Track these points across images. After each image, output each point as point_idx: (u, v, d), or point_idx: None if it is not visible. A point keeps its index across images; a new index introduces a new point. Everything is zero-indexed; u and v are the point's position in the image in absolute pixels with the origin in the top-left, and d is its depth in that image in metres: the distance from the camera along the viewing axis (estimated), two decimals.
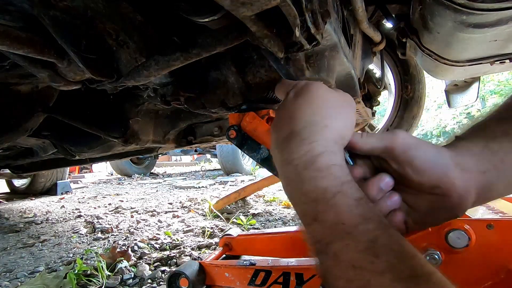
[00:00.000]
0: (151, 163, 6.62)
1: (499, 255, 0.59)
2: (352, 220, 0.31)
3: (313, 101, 0.40)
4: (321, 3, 0.47)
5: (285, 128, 0.40)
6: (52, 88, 0.83)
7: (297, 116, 0.40)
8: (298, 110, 0.40)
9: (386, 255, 0.29)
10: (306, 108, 0.40)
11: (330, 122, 0.39)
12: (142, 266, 1.24)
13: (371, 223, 0.31)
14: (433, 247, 0.61)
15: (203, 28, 0.50)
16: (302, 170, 0.35)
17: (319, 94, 0.41)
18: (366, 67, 1.27)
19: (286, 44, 0.49)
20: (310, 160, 0.35)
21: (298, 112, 0.40)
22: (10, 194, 3.86)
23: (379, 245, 0.29)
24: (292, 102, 0.42)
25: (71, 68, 0.55)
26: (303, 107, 0.40)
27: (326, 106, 0.40)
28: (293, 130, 0.39)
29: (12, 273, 1.29)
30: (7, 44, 0.44)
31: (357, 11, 0.89)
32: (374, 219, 0.32)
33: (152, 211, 2.44)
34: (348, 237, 0.30)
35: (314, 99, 0.41)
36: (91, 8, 0.50)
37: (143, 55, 0.58)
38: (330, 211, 0.32)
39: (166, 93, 0.75)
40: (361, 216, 0.31)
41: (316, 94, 0.41)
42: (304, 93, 0.42)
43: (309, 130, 0.38)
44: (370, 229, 0.31)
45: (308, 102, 0.40)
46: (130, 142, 0.95)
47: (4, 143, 0.87)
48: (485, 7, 0.71)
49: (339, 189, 0.33)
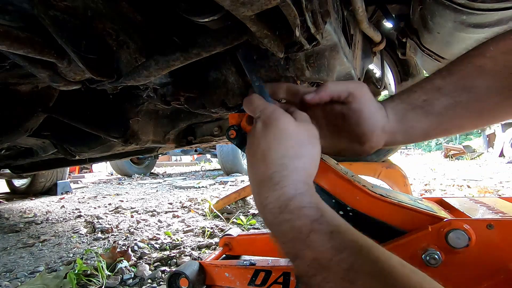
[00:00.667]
0: (151, 163, 6.62)
1: (499, 255, 0.59)
2: (326, 254, 0.35)
3: (282, 140, 0.43)
4: (321, 3, 0.47)
5: (259, 170, 0.43)
6: (52, 88, 0.83)
7: (268, 157, 0.42)
8: (269, 151, 0.42)
9: (362, 279, 0.32)
10: (276, 148, 0.42)
11: (298, 163, 0.42)
12: (142, 266, 1.24)
13: (345, 252, 0.34)
14: (433, 247, 0.61)
15: (203, 28, 0.50)
16: (277, 214, 0.39)
17: (287, 130, 0.43)
18: (366, 67, 1.27)
19: (286, 44, 0.49)
20: (284, 204, 0.39)
21: (269, 153, 0.42)
22: (10, 194, 3.86)
23: (354, 271, 0.33)
24: (263, 136, 0.44)
25: (71, 68, 0.55)
26: (274, 147, 0.42)
27: (295, 144, 0.43)
28: (265, 174, 0.42)
29: (12, 273, 1.29)
30: (7, 44, 0.44)
31: (357, 11, 0.89)
32: (347, 248, 0.35)
33: (152, 211, 2.44)
34: (325, 270, 0.34)
35: (283, 137, 0.43)
36: (91, 8, 0.50)
37: (143, 55, 0.58)
38: (306, 249, 0.36)
39: (166, 93, 0.75)
40: (334, 248, 0.35)
41: (284, 131, 0.43)
42: (273, 127, 0.43)
43: (280, 175, 0.41)
44: (344, 258, 0.34)
45: (278, 140, 0.43)
46: (130, 142, 0.94)
47: (4, 143, 0.87)
48: (485, 7, 0.71)
49: (311, 227, 0.36)
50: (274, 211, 0.39)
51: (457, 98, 0.48)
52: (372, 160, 1.81)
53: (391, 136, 0.51)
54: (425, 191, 2.95)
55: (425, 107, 0.50)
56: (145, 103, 0.93)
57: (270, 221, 0.40)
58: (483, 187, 3.09)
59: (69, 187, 3.97)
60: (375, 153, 1.80)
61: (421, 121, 0.50)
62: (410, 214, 0.67)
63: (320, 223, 0.37)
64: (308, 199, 0.40)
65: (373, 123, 0.49)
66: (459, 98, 0.48)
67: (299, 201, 0.39)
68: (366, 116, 0.49)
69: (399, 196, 0.77)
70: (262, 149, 0.43)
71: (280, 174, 0.41)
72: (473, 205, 0.84)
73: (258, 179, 0.42)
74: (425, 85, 0.51)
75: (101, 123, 0.93)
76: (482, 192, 2.79)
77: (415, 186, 3.23)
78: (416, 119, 0.50)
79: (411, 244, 0.63)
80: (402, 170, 1.72)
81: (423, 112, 0.50)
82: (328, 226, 0.37)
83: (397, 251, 0.63)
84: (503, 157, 9.04)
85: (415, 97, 0.51)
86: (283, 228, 0.38)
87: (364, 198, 0.70)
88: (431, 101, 0.49)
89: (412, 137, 0.52)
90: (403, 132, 0.51)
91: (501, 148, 9.49)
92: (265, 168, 0.42)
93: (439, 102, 0.49)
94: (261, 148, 0.43)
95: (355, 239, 0.36)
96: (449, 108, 0.48)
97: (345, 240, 0.35)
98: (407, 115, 0.50)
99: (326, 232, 0.36)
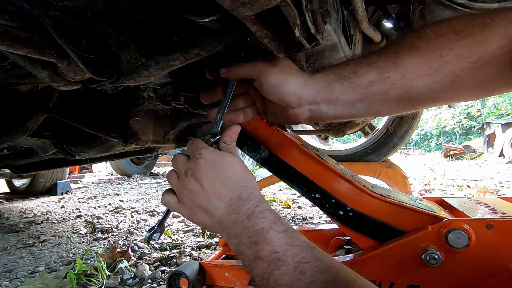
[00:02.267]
0: (151, 163, 6.61)
1: (499, 255, 0.59)
2: (282, 248, 0.42)
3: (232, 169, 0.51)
4: (321, 3, 0.47)
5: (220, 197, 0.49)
6: (52, 88, 0.83)
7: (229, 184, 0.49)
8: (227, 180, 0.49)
9: (311, 270, 0.39)
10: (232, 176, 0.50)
11: (251, 182, 0.51)
12: (142, 266, 1.24)
13: (296, 247, 0.42)
14: (433, 247, 0.61)
15: (203, 28, 0.50)
16: (246, 222, 0.45)
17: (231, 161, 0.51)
18: None
19: (286, 44, 0.49)
20: (252, 212, 0.46)
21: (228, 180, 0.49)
22: (10, 194, 3.86)
23: (304, 263, 0.40)
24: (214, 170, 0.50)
25: (71, 68, 0.55)
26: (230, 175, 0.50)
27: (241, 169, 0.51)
28: (232, 196, 0.48)
29: (12, 273, 1.29)
30: (7, 44, 0.44)
31: (357, 11, 0.89)
32: (298, 245, 0.42)
33: (152, 211, 2.44)
34: (281, 263, 0.41)
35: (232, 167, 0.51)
36: (91, 8, 0.50)
37: (143, 55, 0.58)
38: (266, 246, 0.42)
39: (166, 93, 0.75)
40: (288, 244, 0.42)
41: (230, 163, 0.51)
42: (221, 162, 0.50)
43: (247, 192, 0.49)
44: (296, 252, 0.41)
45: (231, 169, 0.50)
46: (130, 142, 0.94)
47: (4, 143, 0.87)
48: (485, 7, 0.71)
49: (270, 227, 0.44)
50: (244, 221, 0.45)
51: (385, 74, 0.48)
52: (372, 160, 1.81)
53: (315, 106, 0.52)
54: (425, 191, 2.95)
55: (351, 78, 0.49)
56: (145, 103, 0.93)
57: (239, 232, 0.45)
58: (483, 187, 3.09)
59: (69, 187, 3.97)
60: (374, 153, 1.80)
61: (346, 93, 0.50)
62: (410, 214, 0.67)
63: (277, 224, 0.44)
64: (267, 207, 0.48)
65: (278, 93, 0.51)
66: (387, 74, 0.48)
67: (262, 208, 0.47)
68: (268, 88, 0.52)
69: (399, 196, 0.77)
70: (217, 179, 0.49)
71: (247, 192, 0.49)
72: (473, 205, 0.84)
73: (227, 202, 0.48)
74: (360, 59, 0.51)
75: (101, 123, 0.93)
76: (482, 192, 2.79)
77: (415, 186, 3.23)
78: (341, 90, 0.50)
79: (411, 244, 0.63)
80: (402, 170, 1.72)
81: (349, 83, 0.50)
82: (283, 226, 0.44)
83: (397, 251, 0.63)
84: (503, 157, 9.05)
85: (346, 68, 0.51)
86: (250, 231, 0.44)
87: (364, 198, 0.70)
88: (360, 73, 0.49)
89: (337, 110, 0.52)
90: (327, 102, 0.51)
91: (501, 148, 9.50)
92: (230, 191, 0.49)
93: (367, 76, 0.49)
94: (216, 179, 0.49)
95: (305, 240, 0.44)
96: (375, 82, 0.48)
97: (297, 239, 0.43)
98: (332, 85, 0.51)
99: (282, 230, 0.44)
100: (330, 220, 0.74)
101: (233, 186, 0.49)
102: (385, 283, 0.65)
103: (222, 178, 0.49)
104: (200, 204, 0.49)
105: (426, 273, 0.62)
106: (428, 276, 0.62)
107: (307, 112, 0.53)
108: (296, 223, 1.93)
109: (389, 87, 0.48)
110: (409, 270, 0.63)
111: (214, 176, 0.49)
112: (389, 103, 0.50)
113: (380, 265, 0.65)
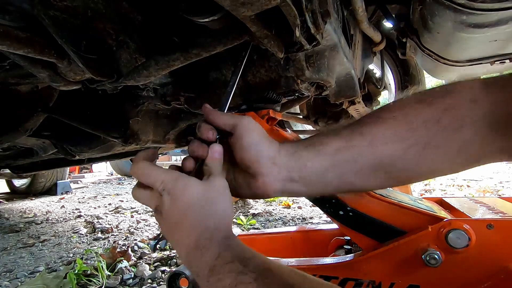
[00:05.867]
0: None
1: (499, 255, 0.59)
2: None
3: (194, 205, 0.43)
4: (321, 3, 0.47)
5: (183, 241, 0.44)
6: (52, 88, 0.83)
7: (186, 226, 0.43)
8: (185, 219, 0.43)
9: None
10: (191, 215, 0.43)
11: (216, 220, 0.44)
12: (142, 266, 1.24)
13: None
14: (433, 247, 0.61)
15: (203, 28, 0.50)
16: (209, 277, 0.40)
17: (195, 194, 0.44)
18: (366, 67, 1.27)
19: (286, 44, 0.49)
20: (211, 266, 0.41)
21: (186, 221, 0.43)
22: (10, 194, 3.86)
23: None
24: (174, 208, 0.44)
25: (71, 68, 0.55)
26: (189, 215, 0.43)
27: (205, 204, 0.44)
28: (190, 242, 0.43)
29: (12, 273, 1.29)
30: (7, 44, 0.44)
31: (357, 11, 0.89)
32: None
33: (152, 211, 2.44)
34: None
35: (194, 202, 0.43)
36: (91, 8, 0.50)
37: (143, 55, 0.58)
38: None
39: (166, 93, 0.75)
40: None
41: (192, 196, 0.44)
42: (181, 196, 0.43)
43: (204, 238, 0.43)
44: None
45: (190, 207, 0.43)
46: (130, 142, 0.94)
47: (4, 143, 0.87)
48: (485, 7, 0.71)
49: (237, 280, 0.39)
50: (206, 276, 0.41)
51: (350, 142, 0.47)
52: None
53: (287, 175, 0.48)
54: (425, 191, 2.95)
55: (317, 146, 0.48)
56: (145, 103, 0.93)
57: (205, 285, 0.41)
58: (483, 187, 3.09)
59: (69, 187, 3.97)
60: None
61: (314, 160, 0.48)
62: (410, 214, 0.67)
63: (245, 274, 0.39)
64: (232, 253, 0.42)
65: (257, 152, 0.47)
66: (352, 142, 0.47)
67: (224, 259, 0.41)
68: (247, 144, 0.47)
69: (399, 196, 0.77)
70: (177, 221, 0.44)
71: (204, 237, 0.42)
72: (473, 205, 0.84)
73: (185, 251, 0.43)
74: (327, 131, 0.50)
75: (101, 123, 0.93)
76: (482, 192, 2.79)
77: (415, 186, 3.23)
78: (308, 157, 0.48)
79: (411, 244, 0.63)
80: None
81: (315, 150, 0.48)
82: (252, 274, 0.39)
83: (397, 251, 0.63)
84: None
85: (312, 139, 0.50)
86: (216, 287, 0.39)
87: (364, 198, 0.70)
88: (325, 142, 0.48)
89: (307, 180, 0.48)
90: (298, 170, 0.48)
91: None
92: (187, 237, 0.43)
93: (333, 144, 0.48)
94: (176, 220, 0.44)
95: (284, 280, 0.39)
96: (342, 150, 0.47)
97: (273, 283, 0.38)
98: (299, 153, 0.49)
99: (251, 281, 0.38)
100: (330, 220, 0.74)
101: (190, 230, 0.43)
102: (385, 283, 0.65)
103: (179, 218, 0.43)
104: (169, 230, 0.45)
105: (426, 273, 0.62)
106: (428, 276, 0.62)
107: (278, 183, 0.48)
108: (296, 223, 1.93)
109: (358, 155, 0.46)
110: (409, 270, 0.63)
111: (174, 216, 0.44)
112: (363, 174, 0.47)
113: (380, 265, 0.65)
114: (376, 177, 0.48)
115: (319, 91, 0.74)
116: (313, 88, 0.72)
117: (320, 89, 0.73)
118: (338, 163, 0.47)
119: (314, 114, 1.62)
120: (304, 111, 1.65)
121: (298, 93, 0.69)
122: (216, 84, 0.71)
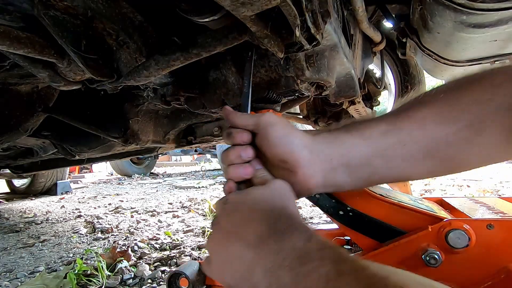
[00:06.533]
0: (151, 163, 6.61)
1: (499, 255, 0.59)
2: None
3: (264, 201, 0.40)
4: (321, 3, 0.47)
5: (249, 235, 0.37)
6: (52, 88, 0.83)
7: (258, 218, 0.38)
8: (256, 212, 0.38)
9: None
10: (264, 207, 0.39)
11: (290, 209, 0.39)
12: (142, 266, 1.24)
13: None
14: (433, 247, 0.61)
15: (203, 28, 0.50)
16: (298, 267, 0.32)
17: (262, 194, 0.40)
18: (366, 67, 1.27)
19: (286, 44, 0.49)
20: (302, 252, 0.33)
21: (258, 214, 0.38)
22: (10, 194, 3.86)
23: None
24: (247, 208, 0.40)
25: (71, 68, 0.55)
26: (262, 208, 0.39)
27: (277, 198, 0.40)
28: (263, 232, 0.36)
29: (12, 273, 1.29)
30: (7, 44, 0.44)
31: (357, 11, 0.89)
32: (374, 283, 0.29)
33: (152, 211, 2.44)
34: None
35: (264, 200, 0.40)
36: (91, 8, 0.50)
37: (143, 55, 0.58)
38: None
39: (166, 93, 0.75)
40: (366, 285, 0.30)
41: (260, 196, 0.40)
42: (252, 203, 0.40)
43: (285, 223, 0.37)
44: None
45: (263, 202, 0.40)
46: (130, 142, 0.95)
47: (4, 143, 0.87)
48: (485, 7, 0.71)
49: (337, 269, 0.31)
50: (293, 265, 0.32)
51: (399, 123, 0.44)
52: None
53: (328, 163, 0.44)
54: (425, 191, 2.95)
55: (361, 130, 0.45)
56: (145, 103, 0.93)
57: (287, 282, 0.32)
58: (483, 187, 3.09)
59: (69, 187, 3.97)
60: None
61: (358, 145, 0.44)
62: (410, 214, 0.67)
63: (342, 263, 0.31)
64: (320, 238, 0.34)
65: (288, 143, 0.43)
66: (400, 125, 0.44)
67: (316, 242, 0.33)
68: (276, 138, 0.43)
69: (399, 196, 0.77)
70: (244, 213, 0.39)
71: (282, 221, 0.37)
72: (473, 205, 0.84)
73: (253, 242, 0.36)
74: (362, 119, 0.48)
75: (101, 123, 0.93)
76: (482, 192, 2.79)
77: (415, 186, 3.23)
78: (352, 142, 0.44)
79: (411, 244, 0.63)
80: None
81: (359, 134, 0.44)
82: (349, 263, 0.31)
83: (397, 251, 0.63)
84: None
85: (352, 125, 0.47)
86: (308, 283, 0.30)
87: (364, 198, 0.70)
88: (369, 125, 0.45)
89: (352, 168, 0.44)
90: (340, 157, 0.44)
91: None
92: (259, 225, 0.37)
93: (378, 127, 0.44)
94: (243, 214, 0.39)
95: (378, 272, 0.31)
96: (389, 132, 0.44)
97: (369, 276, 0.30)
98: (341, 138, 0.45)
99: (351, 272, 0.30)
100: (330, 220, 0.74)
101: (264, 219, 0.37)
102: None
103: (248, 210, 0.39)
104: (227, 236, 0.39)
105: (426, 273, 0.61)
106: (428, 276, 0.61)
107: (320, 174, 0.44)
108: None
109: (407, 137, 0.43)
110: (409, 270, 0.63)
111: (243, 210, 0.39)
112: (411, 159, 0.43)
113: None
114: (425, 163, 0.44)
115: (319, 91, 0.74)
116: (313, 88, 0.72)
117: (320, 89, 0.73)
118: (386, 146, 0.43)
119: (314, 114, 1.62)
120: (304, 111, 1.65)
121: (298, 93, 0.69)
122: (216, 84, 0.71)
